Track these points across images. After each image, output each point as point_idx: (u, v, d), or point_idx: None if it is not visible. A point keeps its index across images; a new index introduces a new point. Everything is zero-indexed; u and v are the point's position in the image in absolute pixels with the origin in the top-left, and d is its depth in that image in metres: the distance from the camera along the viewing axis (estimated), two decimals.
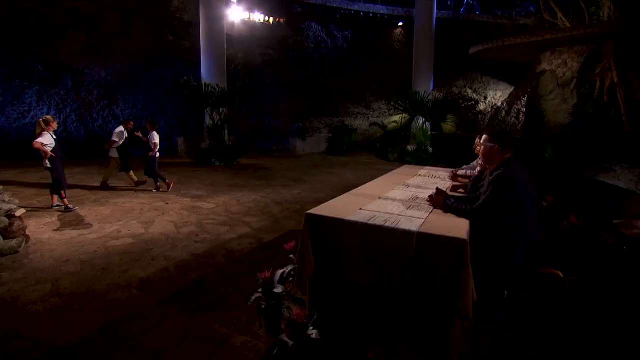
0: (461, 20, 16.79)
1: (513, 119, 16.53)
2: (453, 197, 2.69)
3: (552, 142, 9.84)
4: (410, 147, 13.79)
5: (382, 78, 15.95)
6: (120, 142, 7.29)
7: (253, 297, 2.61)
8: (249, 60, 14.43)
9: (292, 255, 3.30)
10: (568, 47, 10.45)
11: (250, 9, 14.14)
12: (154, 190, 7.28)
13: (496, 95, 16.97)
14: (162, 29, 13.65)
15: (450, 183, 3.93)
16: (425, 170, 4.84)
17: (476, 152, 4.57)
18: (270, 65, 14.84)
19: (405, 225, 2.23)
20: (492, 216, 2.35)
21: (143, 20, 13.29)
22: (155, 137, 7.19)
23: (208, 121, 11.40)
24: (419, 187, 3.60)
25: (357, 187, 8.37)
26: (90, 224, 5.17)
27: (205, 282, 3.48)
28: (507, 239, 2.36)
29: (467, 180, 4.00)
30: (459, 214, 2.48)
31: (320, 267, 2.42)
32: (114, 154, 7.34)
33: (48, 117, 5.69)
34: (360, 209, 2.58)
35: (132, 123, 7.59)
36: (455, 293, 2.01)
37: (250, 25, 14.33)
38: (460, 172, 4.47)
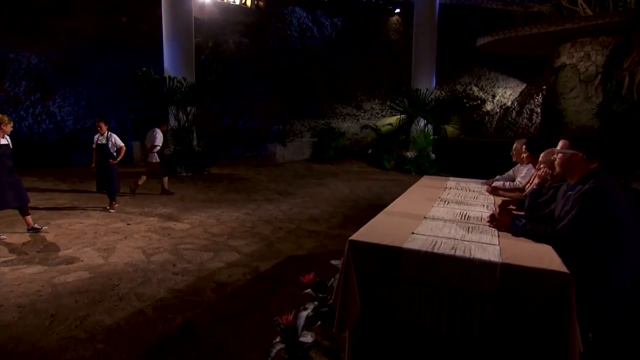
0: (467, 6, 17.20)
1: (525, 120, 17.01)
2: (522, 216, 2.54)
3: None
4: (409, 154, 13.84)
5: (375, 73, 16.05)
6: (160, 146, 8.12)
7: (273, 350, 2.35)
8: (221, 49, 14.19)
9: (309, 290, 3.07)
10: (591, 37, 10.79)
11: None
12: (109, 209, 6.82)
13: (505, 93, 17.41)
14: (114, 7, 13.20)
15: (492, 198, 3.82)
16: (453, 182, 4.75)
17: (514, 160, 4.57)
18: (246, 57, 14.64)
19: (481, 253, 2.06)
20: (581, 240, 2.20)
21: None
22: (119, 140, 6.81)
23: (173, 122, 11.10)
24: (460, 203, 3.48)
25: (355, 200, 8.24)
26: (27, 254, 4.72)
27: (195, 328, 3.17)
28: (599, 268, 2.21)
29: (512, 194, 3.91)
30: (537, 237, 2.32)
31: (367, 309, 2.19)
32: (155, 158, 8.09)
33: (2, 116, 5.15)
34: (413, 232, 2.40)
35: (165, 126, 8.73)
36: (555, 342, 1.83)
37: (223, 8, 14.10)
38: (497, 184, 4.40)
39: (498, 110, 17.53)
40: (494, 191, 4.02)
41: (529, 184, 3.93)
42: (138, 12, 13.52)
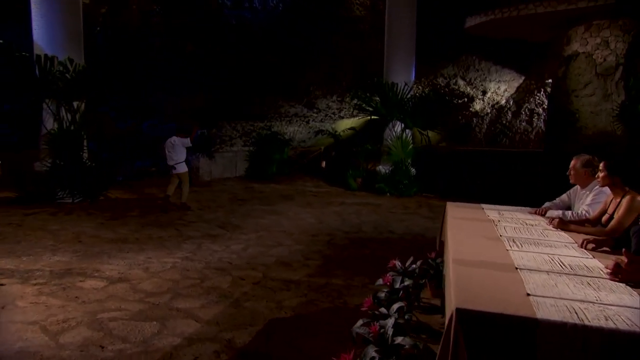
0: None
1: (523, 123, 18.03)
2: None
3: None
4: (382, 168, 14.03)
5: (335, 61, 16.18)
6: None
7: None
8: (121, 20, 13.55)
9: None
10: (610, 20, 11.60)
11: None
12: None
13: (499, 89, 18.36)
14: None
15: (565, 234, 3.88)
16: (492, 212, 4.86)
17: (572, 181, 4.82)
18: (157, 32, 14.12)
19: None
20: None
21: None
22: None
23: (50, 124, 10.46)
24: (535, 243, 3.56)
25: (329, 234, 8.70)
26: None
27: None
28: None
29: (590, 230, 3.97)
30: None
31: None
32: (184, 168, 10.16)
33: None
34: (528, 294, 2.32)
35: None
36: None
37: None
38: (552, 213, 4.54)
39: (489, 110, 18.43)
40: (563, 226, 4.05)
41: (607, 216, 4.02)
42: None
